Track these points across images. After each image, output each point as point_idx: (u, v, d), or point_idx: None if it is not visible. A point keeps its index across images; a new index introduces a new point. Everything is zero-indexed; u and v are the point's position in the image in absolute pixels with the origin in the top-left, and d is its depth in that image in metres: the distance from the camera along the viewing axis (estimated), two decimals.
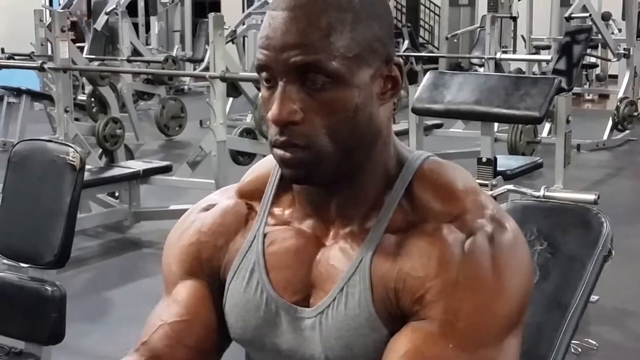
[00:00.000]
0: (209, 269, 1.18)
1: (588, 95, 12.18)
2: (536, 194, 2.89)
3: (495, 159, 3.68)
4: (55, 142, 2.34)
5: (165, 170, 5.43)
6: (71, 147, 2.22)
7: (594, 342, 3.28)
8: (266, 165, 1.20)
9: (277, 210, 1.16)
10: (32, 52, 8.69)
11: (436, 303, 1.01)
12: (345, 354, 1.07)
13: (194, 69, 11.05)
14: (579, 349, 3.19)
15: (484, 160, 3.63)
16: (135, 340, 1.20)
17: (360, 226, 1.10)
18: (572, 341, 1.56)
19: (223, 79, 5.03)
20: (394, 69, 1.08)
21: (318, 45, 1.01)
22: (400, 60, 1.09)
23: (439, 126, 7.28)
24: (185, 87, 11.92)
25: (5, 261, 2.28)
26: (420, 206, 1.07)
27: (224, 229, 1.17)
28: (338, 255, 1.09)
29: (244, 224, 1.17)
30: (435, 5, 16.24)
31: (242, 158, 5.95)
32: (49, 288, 2.15)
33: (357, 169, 1.08)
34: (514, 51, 10.97)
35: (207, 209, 1.20)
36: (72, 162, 2.18)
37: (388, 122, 1.10)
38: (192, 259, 1.18)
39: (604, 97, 12.08)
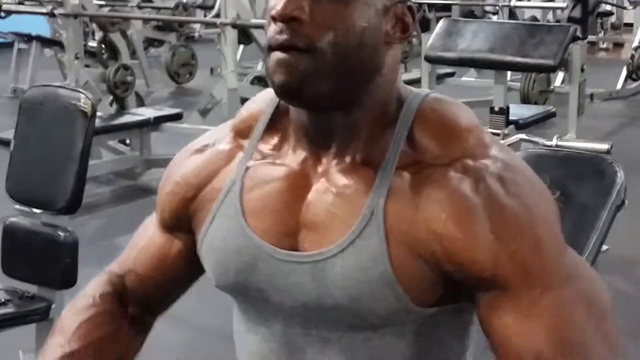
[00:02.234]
0: (178, 221, 1.17)
1: (602, 44, 12.04)
2: (549, 143, 2.87)
3: (508, 107, 3.66)
4: (67, 88, 2.35)
5: (176, 117, 5.43)
6: (83, 93, 2.22)
7: None
8: (260, 102, 1.16)
9: (264, 147, 1.12)
10: None
11: (497, 264, 0.97)
12: (348, 304, 1.02)
13: (205, 16, 10.94)
14: None
15: (496, 109, 3.61)
16: None
17: (357, 162, 1.05)
18: None
19: (234, 25, 4.99)
20: (407, 13, 1.04)
21: None
22: (415, 5, 1.05)
23: (452, 75, 7.24)
24: (196, 34, 11.83)
25: (17, 206, 2.29)
26: (423, 146, 1.03)
27: (199, 180, 1.14)
28: (339, 201, 1.03)
29: (226, 164, 1.13)
30: None
31: None
32: (61, 233, 2.17)
33: (353, 99, 1.04)
34: None
35: (199, 150, 1.17)
36: (84, 109, 2.17)
37: (393, 68, 1.06)
38: (165, 211, 1.19)
39: (618, 45, 11.95)
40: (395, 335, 1.05)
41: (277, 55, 1.00)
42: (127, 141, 5.39)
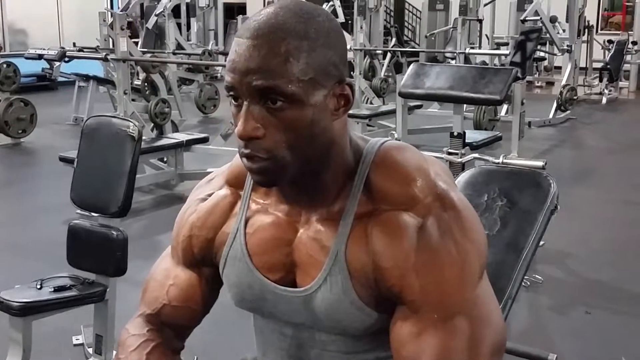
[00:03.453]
0: (201, 259, 1.13)
1: (537, 83, 12.11)
2: (496, 161, 2.88)
3: (464, 133, 3.65)
4: (119, 117, 2.33)
5: (204, 140, 5.41)
6: (131, 122, 2.21)
7: (540, 277, 3.31)
8: None
9: (256, 198, 1.09)
10: (98, 46, 8.63)
11: (408, 289, 0.96)
12: (335, 325, 1.03)
13: (225, 60, 10.97)
14: (528, 283, 3.21)
15: (455, 134, 3.60)
16: None
17: (328, 212, 1.02)
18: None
19: None
20: (346, 88, 0.97)
21: (277, 70, 0.91)
22: (352, 80, 0.99)
23: (420, 107, 7.25)
24: (219, 74, 11.87)
25: (79, 211, 2.28)
26: (378, 195, 0.99)
27: (213, 223, 1.11)
28: (314, 245, 1.02)
29: (230, 211, 1.11)
30: (417, 9, 16.08)
31: None
32: (114, 232, 2.16)
33: (317, 169, 1.00)
34: (480, 47, 10.90)
35: (204, 199, 1.14)
36: (132, 134, 2.17)
37: (343, 132, 1.00)
38: (188, 252, 1.14)
39: (550, 84, 12.02)
40: (373, 334, 1.05)
41: (247, 163, 0.98)
42: (165, 159, 5.39)
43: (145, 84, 6.79)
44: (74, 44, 9.09)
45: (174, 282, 1.16)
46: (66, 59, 6.63)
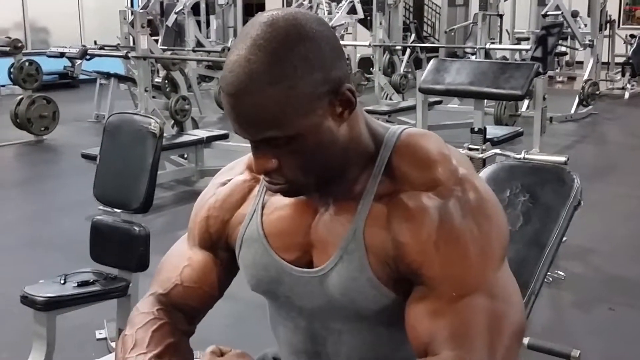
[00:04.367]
0: (217, 240, 1.14)
1: (559, 78, 11.99)
2: (518, 156, 2.86)
3: (485, 128, 3.63)
4: (140, 114, 2.35)
5: (224, 137, 5.44)
6: (153, 119, 2.23)
7: (562, 273, 3.28)
8: None
9: None
10: (118, 44, 8.68)
11: (428, 265, 0.95)
12: (348, 306, 1.02)
13: None
14: (550, 279, 3.18)
15: (476, 129, 3.59)
16: None
17: (348, 193, 1.02)
18: None
19: None
20: (345, 94, 0.94)
21: (265, 124, 0.91)
22: (350, 85, 0.96)
23: (440, 102, 7.22)
24: None
25: (102, 207, 2.30)
26: (400, 177, 0.99)
27: (230, 205, 1.12)
28: (333, 224, 1.02)
29: (249, 194, 1.12)
30: (436, 5, 15.99)
31: None
32: (136, 228, 2.17)
33: (337, 170, 1.01)
34: (500, 42, 10.80)
35: (224, 184, 1.15)
36: (154, 131, 2.18)
37: (354, 128, 0.99)
38: (204, 233, 1.14)
39: (571, 79, 11.89)
40: (389, 323, 1.04)
41: (268, 185, 1.01)
42: (185, 156, 5.42)
43: (166, 81, 6.83)
44: (95, 42, 9.15)
45: (188, 262, 1.15)
46: (87, 56, 6.68)
